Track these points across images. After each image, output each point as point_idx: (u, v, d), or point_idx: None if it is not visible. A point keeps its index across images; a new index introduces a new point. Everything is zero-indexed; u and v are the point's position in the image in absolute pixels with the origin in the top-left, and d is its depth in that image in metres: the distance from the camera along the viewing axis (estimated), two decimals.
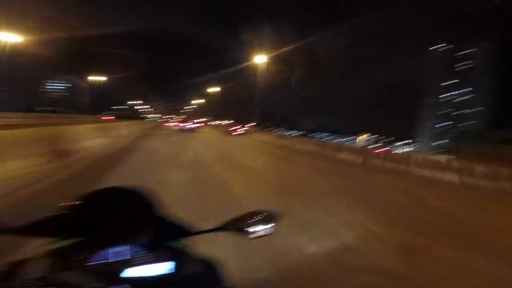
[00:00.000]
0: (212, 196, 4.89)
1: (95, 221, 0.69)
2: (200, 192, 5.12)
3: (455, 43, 79.75)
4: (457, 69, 79.41)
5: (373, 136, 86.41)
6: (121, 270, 0.63)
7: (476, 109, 75.10)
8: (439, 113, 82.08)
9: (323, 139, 47.80)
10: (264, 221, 0.85)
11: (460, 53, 78.91)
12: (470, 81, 76.38)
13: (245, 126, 30.44)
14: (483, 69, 73.40)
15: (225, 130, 30.37)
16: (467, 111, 76.86)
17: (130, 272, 0.64)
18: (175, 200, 4.01)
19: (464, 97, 78.37)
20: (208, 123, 61.16)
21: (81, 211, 0.71)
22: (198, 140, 18.98)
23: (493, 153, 30.67)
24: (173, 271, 0.67)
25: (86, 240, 0.66)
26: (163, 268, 0.67)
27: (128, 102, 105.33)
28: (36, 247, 0.69)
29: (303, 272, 2.53)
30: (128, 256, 0.65)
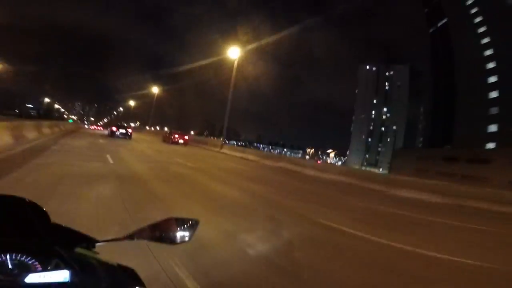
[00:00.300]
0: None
1: None
2: None
3: (381, 64, 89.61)
4: (386, 88, 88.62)
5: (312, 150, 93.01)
6: (19, 277, 0.62)
7: (401, 127, 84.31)
8: (369, 129, 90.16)
9: (271, 151, 45.96)
10: (184, 227, 0.85)
11: (389, 73, 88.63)
12: (397, 100, 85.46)
13: (186, 135, 27.67)
14: (411, 90, 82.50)
15: (165, 137, 27.26)
16: (394, 128, 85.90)
17: (28, 279, 0.62)
18: None
19: (389, 115, 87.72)
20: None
21: None
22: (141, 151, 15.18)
23: (438, 170, 31.75)
24: (67, 279, 0.64)
25: None
26: (58, 276, 0.64)
27: (43, 100, 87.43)
28: None
29: None
30: (22, 264, 0.64)
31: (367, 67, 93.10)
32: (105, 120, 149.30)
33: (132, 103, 78.28)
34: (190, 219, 0.90)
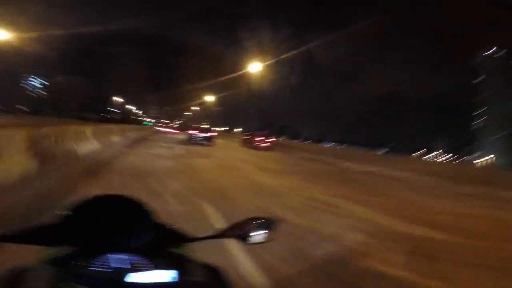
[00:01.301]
0: None
1: (93, 228, 0.69)
2: None
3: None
4: None
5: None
6: (123, 277, 0.62)
7: None
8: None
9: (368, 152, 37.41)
10: (262, 227, 0.84)
11: None
12: None
13: (268, 137, 22.21)
14: None
15: (246, 141, 22.14)
16: None
17: (133, 279, 0.62)
18: None
19: None
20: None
21: (78, 218, 0.71)
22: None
23: None
24: (176, 279, 0.65)
25: (86, 247, 0.66)
26: (166, 275, 0.65)
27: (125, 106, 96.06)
28: (35, 254, 0.69)
29: None
30: (129, 263, 0.65)
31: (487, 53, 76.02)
32: (177, 122, 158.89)
33: (204, 103, 79.22)
34: (269, 218, 0.88)
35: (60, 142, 5.68)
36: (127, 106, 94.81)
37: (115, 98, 73.68)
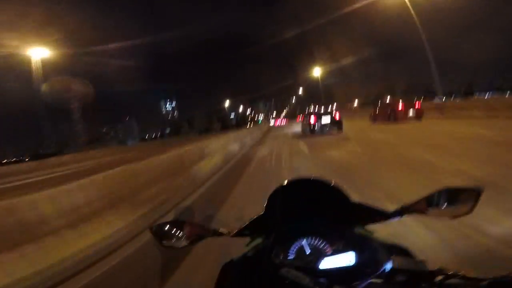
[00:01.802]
0: None
1: (290, 215, 0.75)
2: None
3: None
4: None
5: None
6: (316, 263, 0.64)
7: None
8: None
9: None
10: (458, 198, 0.71)
11: None
12: None
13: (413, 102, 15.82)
14: None
15: (379, 114, 16.99)
16: None
17: (322, 264, 0.64)
18: None
19: None
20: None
21: (276, 207, 0.77)
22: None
23: None
24: (353, 262, 0.64)
25: (283, 235, 0.70)
26: (347, 258, 0.65)
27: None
28: (237, 247, 0.80)
29: None
30: (320, 247, 0.68)
31: None
32: (285, 111, 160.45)
33: (301, 91, 75.16)
34: (471, 188, 0.70)
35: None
36: (241, 110, 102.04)
37: (227, 104, 79.92)
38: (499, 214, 2.53)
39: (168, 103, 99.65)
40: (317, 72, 51.73)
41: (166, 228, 0.82)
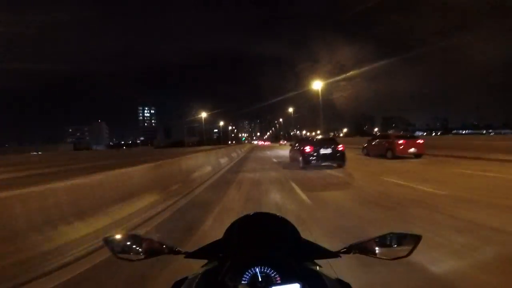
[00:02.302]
0: None
1: (245, 245, 0.82)
2: None
3: None
4: None
5: None
6: None
7: None
8: None
9: None
10: (400, 242, 0.80)
11: None
12: None
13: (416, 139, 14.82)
14: None
15: (374, 147, 15.65)
16: None
17: None
18: None
19: None
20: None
21: (232, 236, 0.84)
22: None
23: None
24: None
25: (238, 261, 0.75)
26: None
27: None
28: (193, 267, 0.84)
29: None
30: (270, 276, 0.72)
31: None
32: (268, 133, 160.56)
33: (290, 109, 74.21)
34: (411, 234, 0.81)
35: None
36: (221, 124, 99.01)
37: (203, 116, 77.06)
38: None
39: (146, 109, 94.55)
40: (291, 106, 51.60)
41: (121, 240, 0.83)
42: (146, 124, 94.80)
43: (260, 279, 0.71)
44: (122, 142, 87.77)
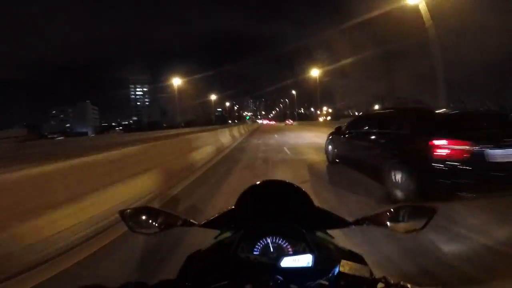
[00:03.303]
0: None
1: (256, 215, 0.81)
2: None
3: None
4: None
5: None
6: (278, 261, 0.66)
7: None
8: None
9: None
10: (413, 215, 0.78)
11: None
12: None
13: None
14: None
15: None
16: None
17: (283, 263, 0.66)
18: None
19: None
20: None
21: (247, 204, 0.84)
22: None
23: None
24: (310, 264, 0.67)
25: (250, 231, 0.75)
26: (306, 260, 0.67)
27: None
28: (206, 239, 0.84)
29: None
30: (282, 247, 0.72)
31: None
32: (273, 112, 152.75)
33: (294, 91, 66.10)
34: (427, 207, 0.79)
35: None
36: (227, 104, 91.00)
37: (213, 98, 68.68)
38: None
39: (138, 88, 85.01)
40: (315, 72, 45.57)
41: (136, 214, 0.83)
42: (138, 103, 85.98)
43: (272, 250, 0.72)
44: (113, 124, 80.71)
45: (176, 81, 43.59)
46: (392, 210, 0.79)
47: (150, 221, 0.80)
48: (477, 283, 1.90)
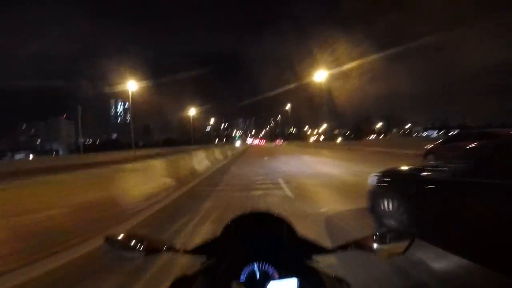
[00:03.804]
0: None
1: (242, 242, 0.82)
2: None
3: None
4: None
5: None
6: (264, 285, 0.67)
7: None
8: None
9: None
10: (395, 239, 0.80)
11: None
12: None
13: None
14: None
15: None
16: None
17: (269, 287, 0.67)
18: None
19: None
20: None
21: (230, 233, 0.86)
22: None
23: None
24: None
25: (236, 258, 0.75)
26: (291, 284, 0.68)
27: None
28: (191, 266, 0.86)
29: None
30: (268, 272, 0.72)
31: None
32: (264, 130, 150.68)
33: (287, 106, 63.76)
34: (407, 231, 0.82)
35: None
36: (211, 122, 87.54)
37: (192, 114, 64.64)
38: None
39: (120, 104, 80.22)
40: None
41: (122, 239, 0.82)
42: (119, 120, 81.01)
43: (258, 275, 0.72)
44: (97, 142, 74.31)
45: (132, 86, 34.85)
46: (375, 234, 0.80)
47: (136, 246, 0.80)
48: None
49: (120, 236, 0.82)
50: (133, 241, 0.80)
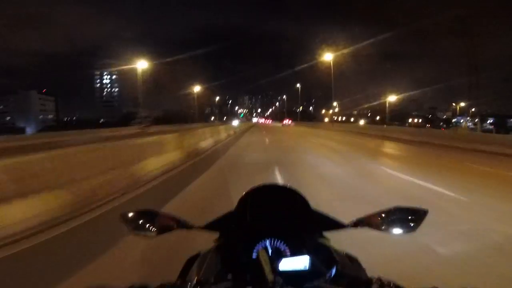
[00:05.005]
0: None
1: (257, 216, 0.80)
2: None
3: None
4: None
5: None
6: (276, 263, 0.66)
7: None
8: None
9: None
10: (408, 217, 0.79)
11: None
12: None
13: None
14: None
15: None
16: None
17: (281, 265, 0.67)
18: None
19: None
20: None
21: (244, 208, 0.82)
22: None
23: None
24: (307, 266, 0.68)
25: (249, 234, 0.75)
26: (303, 261, 0.68)
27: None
28: (205, 241, 0.85)
29: None
30: (281, 249, 0.72)
31: None
32: (270, 110, 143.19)
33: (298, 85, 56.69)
34: (419, 209, 0.80)
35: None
36: (217, 98, 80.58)
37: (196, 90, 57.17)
38: None
39: (105, 75, 70.84)
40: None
41: (136, 217, 0.83)
42: (105, 93, 73.13)
43: (270, 252, 0.72)
44: (74, 118, 67.73)
45: (142, 65, 33.33)
46: (386, 212, 0.81)
47: (149, 224, 0.80)
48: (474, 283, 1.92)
49: (132, 213, 0.82)
50: (146, 218, 0.80)
